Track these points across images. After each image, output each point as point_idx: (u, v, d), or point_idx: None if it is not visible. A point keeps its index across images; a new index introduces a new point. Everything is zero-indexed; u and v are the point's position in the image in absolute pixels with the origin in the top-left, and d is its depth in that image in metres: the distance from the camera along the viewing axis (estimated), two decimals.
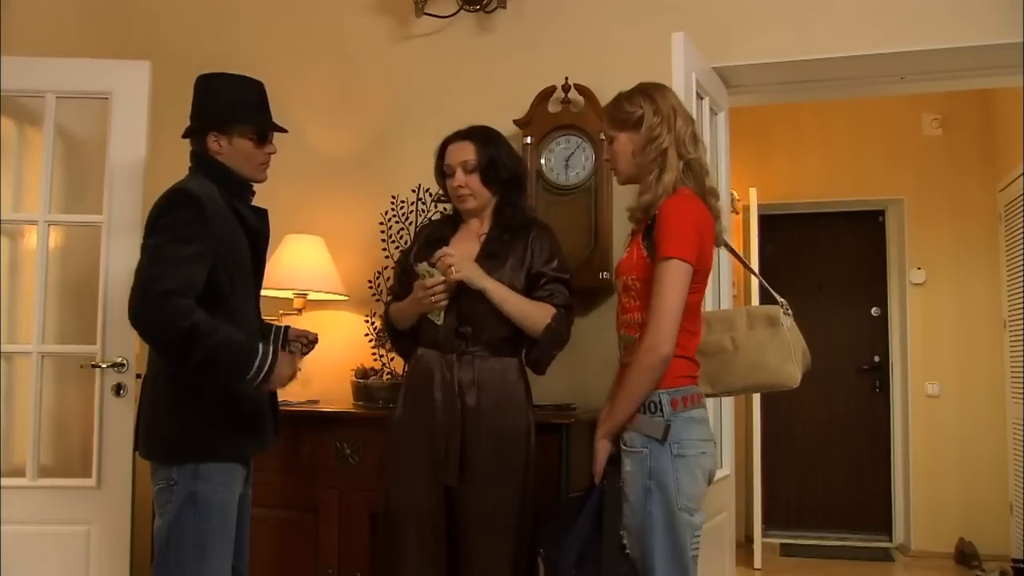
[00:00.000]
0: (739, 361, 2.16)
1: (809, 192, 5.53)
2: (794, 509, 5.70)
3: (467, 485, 2.26)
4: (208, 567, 2.01)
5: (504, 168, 2.40)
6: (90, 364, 2.86)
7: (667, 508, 1.92)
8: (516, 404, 2.33)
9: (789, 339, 2.13)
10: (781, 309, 2.16)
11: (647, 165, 2.06)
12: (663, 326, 1.91)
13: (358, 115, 3.49)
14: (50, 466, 2.97)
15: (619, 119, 2.11)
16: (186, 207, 1.99)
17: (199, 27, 3.64)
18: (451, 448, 2.26)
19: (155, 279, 1.89)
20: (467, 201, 2.40)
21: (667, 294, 1.92)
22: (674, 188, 2.01)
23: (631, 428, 1.98)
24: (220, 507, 2.03)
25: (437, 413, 2.29)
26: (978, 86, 3.90)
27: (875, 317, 5.69)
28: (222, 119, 2.13)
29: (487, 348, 2.33)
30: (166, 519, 2.01)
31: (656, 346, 1.92)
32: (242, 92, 2.18)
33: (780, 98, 3.61)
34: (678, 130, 2.05)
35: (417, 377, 2.37)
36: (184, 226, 1.96)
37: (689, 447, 1.96)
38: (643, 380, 1.95)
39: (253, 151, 2.17)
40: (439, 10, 3.35)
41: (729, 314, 2.27)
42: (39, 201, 2.92)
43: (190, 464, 2.00)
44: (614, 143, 2.14)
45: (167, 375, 2.05)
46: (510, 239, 2.39)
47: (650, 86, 2.13)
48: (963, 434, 5.13)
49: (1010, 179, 4.70)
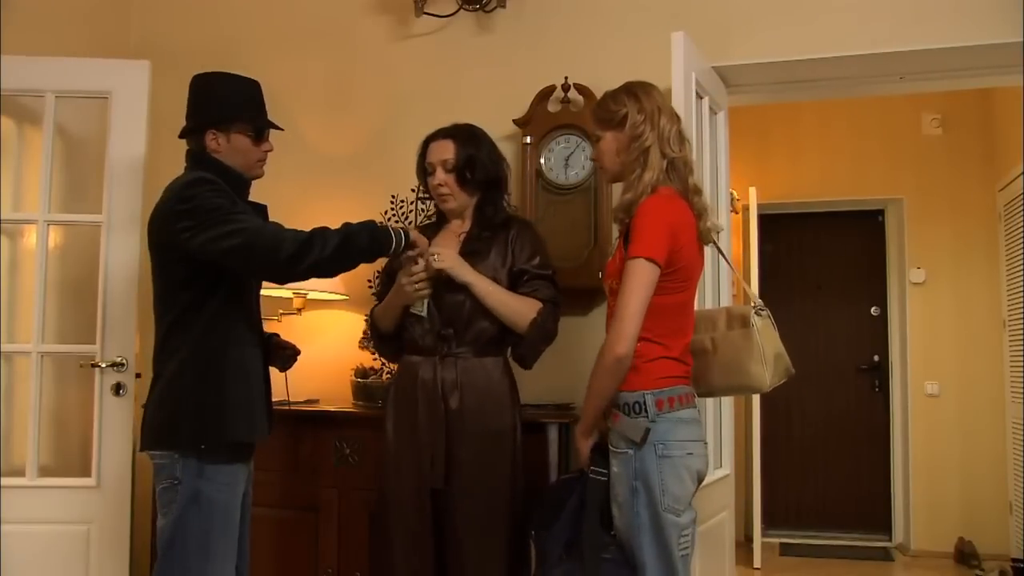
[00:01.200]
0: (717, 362, 2.13)
1: (809, 191, 5.53)
2: (793, 508, 5.70)
3: (454, 487, 2.27)
4: (211, 566, 2.01)
5: (482, 168, 2.39)
6: (90, 364, 2.86)
7: (653, 508, 1.92)
8: (501, 404, 2.33)
9: (760, 341, 2.08)
10: (753, 309, 2.11)
11: (630, 163, 2.06)
12: (620, 327, 1.91)
13: (357, 114, 3.49)
14: (50, 466, 2.97)
15: (604, 118, 2.12)
16: (210, 188, 2.03)
17: (199, 27, 3.65)
18: (436, 452, 2.26)
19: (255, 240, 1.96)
20: (447, 200, 2.40)
21: (628, 295, 1.92)
22: (654, 187, 2.01)
23: (614, 429, 1.99)
24: (224, 506, 2.04)
25: (421, 417, 2.29)
26: (978, 86, 3.90)
27: (875, 316, 5.69)
28: (220, 117, 2.15)
29: (471, 349, 2.33)
30: (170, 518, 2.01)
31: (611, 346, 1.92)
32: (239, 90, 2.20)
33: (779, 97, 3.61)
34: (662, 128, 2.04)
35: (402, 380, 2.38)
36: (220, 197, 2.02)
37: (675, 448, 1.95)
38: (601, 379, 1.96)
39: (251, 148, 2.19)
40: (439, 9, 3.35)
41: (711, 313, 2.25)
42: (39, 200, 2.92)
43: (193, 460, 2.00)
44: (600, 141, 2.15)
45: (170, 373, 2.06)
46: (491, 236, 2.38)
47: (636, 85, 2.13)
48: (963, 433, 5.13)
49: (1010, 178, 4.70)
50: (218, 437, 2.05)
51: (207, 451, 2.04)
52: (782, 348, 2.14)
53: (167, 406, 2.05)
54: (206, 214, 1.97)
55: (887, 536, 5.50)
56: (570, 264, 3.03)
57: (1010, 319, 4.80)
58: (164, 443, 2.06)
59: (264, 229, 1.99)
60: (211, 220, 1.97)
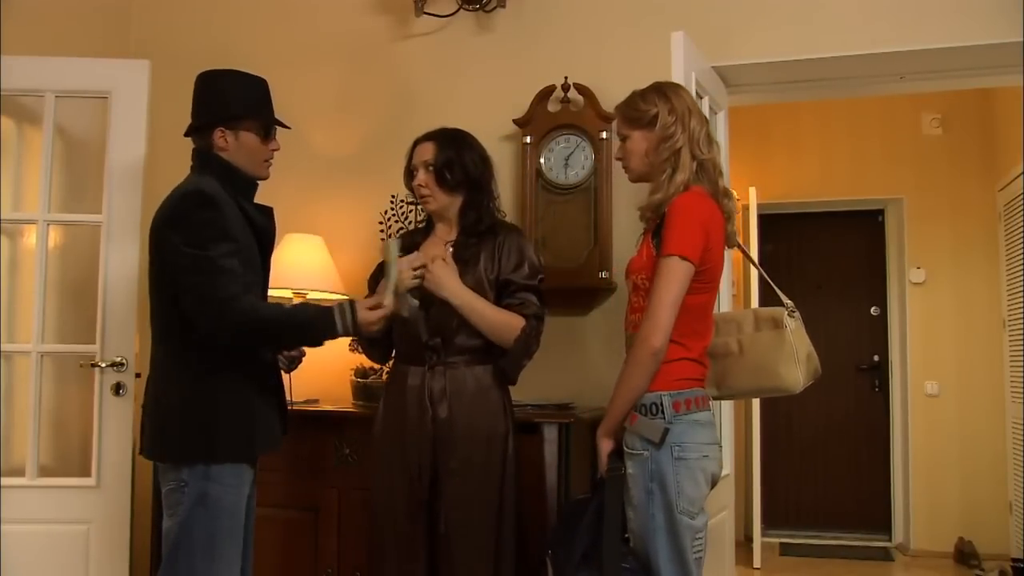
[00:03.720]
0: (744, 364, 2.14)
1: (808, 191, 5.53)
2: (793, 508, 5.70)
3: (444, 496, 2.26)
4: (217, 568, 2.01)
5: (461, 170, 2.35)
6: (89, 363, 2.86)
7: (668, 510, 1.91)
8: (491, 410, 2.31)
9: (793, 342, 2.10)
10: (786, 311, 2.14)
11: (660, 164, 2.05)
12: (656, 319, 1.91)
13: (357, 114, 3.49)
14: (50, 465, 2.97)
15: (633, 117, 2.11)
16: (204, 208, 2.00)
17: (198, 26, 3.64)
18: (423, 463, 2.26)
19: (210, 297, 1.94)
20: (428, 201, 2.39)
21: (662, 290, 1.91)
22: (685, 187, 2.01)
23: (631, 430, 1.97)
24: (230, 508, 2.03)
25: (409, 427, 2.29)
26: (978, 85, 3.90)
27: (874, 316, 5.69)
28: (229, 115, 2.13)
29: (461, 358, 2.31)
30: (176, 519, 2.00)
31: (646, 338, 1.91)
32: (247, 88, 2.19)
33: (779, 97, 3.61)
34: (692, 130, 2.04)
35: (392, 387, 2.38)
36: (208, 227, 1.98)
37: (691, 450, 1.94)
38: (635, 374, 1.95)
39: (259, 147, 2.18)
40: (439, 9, 3.35)
41: (736, 316, 2.25)
42: (38, 200, 2.92)
43: (201, 465, 2.00)
44: (627, 141, 2.13)
45: (174, 376, 2.05)
46: (477, 243, 2.36)
47: (665, 85, 2.13)
48: (962, 433, 5.13)
49: (1009, 178, 4.70)
50: (238, 454, 2.05)
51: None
52: (812, 349, 2.17)
53: (170, 419, 2.03)
54: (186, 241, 1.97)
55: (887, 536, 5.51)
56: (570, 264, 3.03)
57: (1010, 319, 4.80)
58: (169, 457, 2.05)
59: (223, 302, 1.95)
60: (187, 251, 1.96)
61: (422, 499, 2.27)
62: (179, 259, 1.97)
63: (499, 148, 3.22)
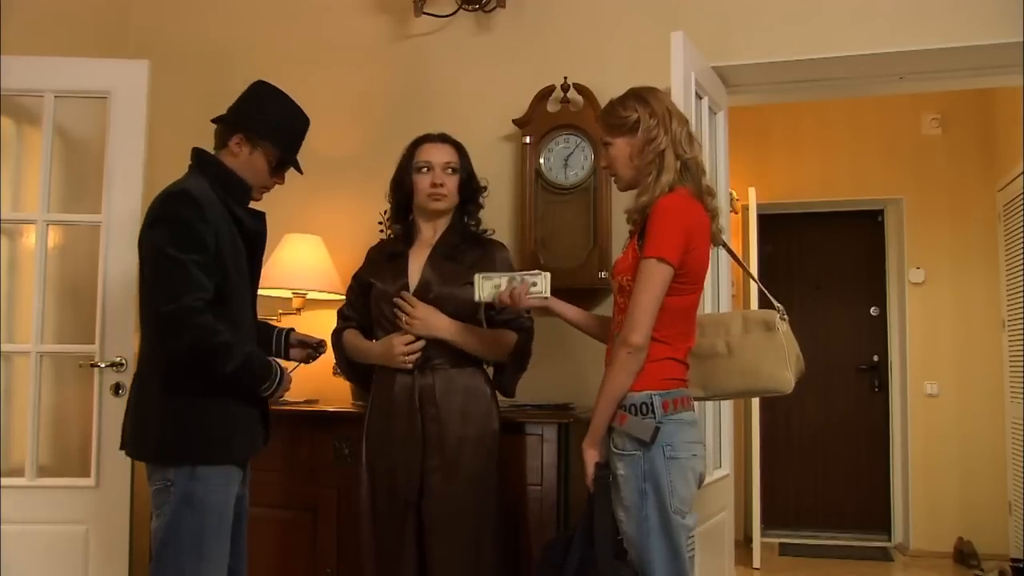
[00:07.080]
0: (733, 365, 2.16)
1: (808, 192, 5.53)
2: (793, 508, 5.70)
3: (431, 497, 2.27)
4: (205, 567, 2.01)
5: (475, 179, 2.46)
6: (88, 363, 2.86)
7: (662, 510, 1.92)
8: (479, 411, 2.33)
9: (784, 344, 2.13)
10: (777, 314, 2.16)
11: (645, 167, 2.06)
12: (633, 319, 1.93)
13: (356, 114, 3.49)
14: (49, 466, 2.96)
15: (615, 124, 2.11)
16: (186, 208, 1.99)
17: (198, 27, 3.63)
18: (411, 467, 2.27)
19: (174, 297, 1.92)
20: (442, 200, 2.41)
21: (642, 292, 1.93)
22: (671, 188, 2.01)
23: (620, 431, 1.97)
24: (217, 508, 2.03)
25: (398, 429, 2.30)
26: (977, 86, 3.90)
27: (874, 316, 5.69)
28: (256, 129, 2.15)
29: (448, 360, 2.33)
30: (163, 520, 2.01)
31: (625, 337, 1.93)
32: (288, 119, 2.21)
33: (779, 98, 3.61)
34: (674, 131, 2.05)
35: (380, 389, 2.39)
36: (187, 231, 1.97)
37: (681, 449, 1.95)
38: (614, 376, 1.96)
39: (264, 173, 2.19)
40: (438, 9, 3.35)
41: (723, 317, 2.27)
42: (38, 200, 2.92)
43: (186, 465, 2.00)
44: (611, 148, 2.14)
45: (157, 375, 2.04)
46: (467, 247, 2.41)
47: (642, 89, 2.14)
48: (962, 434, 5.13)
49: (1009, 178, 4.70)
50: (218, 456, 2.04)
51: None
52: (799, 349, 2.19)
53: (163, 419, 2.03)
54: (164, 240, 1.96)
55: (886, 536, 5.51)
56: (569, 264, 3.03)
57: (1009, 319, 4.80)
58: (149, 458, 2.06)
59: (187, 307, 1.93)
60: (162, 250, 1.96)
61: (410, 500, 2.28)
62: (156, 257, 1.97)
63: (498, 148, 3.23)
